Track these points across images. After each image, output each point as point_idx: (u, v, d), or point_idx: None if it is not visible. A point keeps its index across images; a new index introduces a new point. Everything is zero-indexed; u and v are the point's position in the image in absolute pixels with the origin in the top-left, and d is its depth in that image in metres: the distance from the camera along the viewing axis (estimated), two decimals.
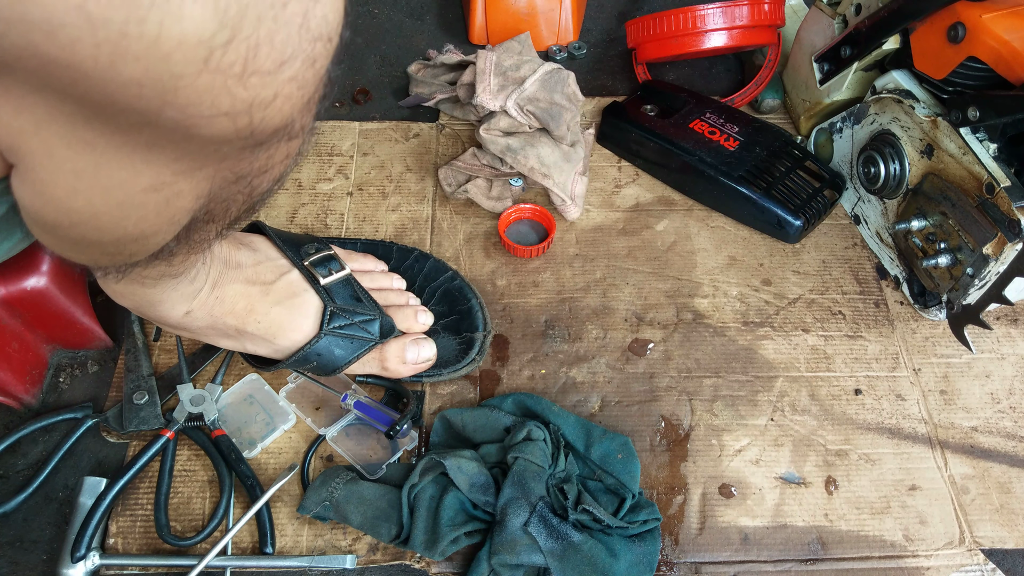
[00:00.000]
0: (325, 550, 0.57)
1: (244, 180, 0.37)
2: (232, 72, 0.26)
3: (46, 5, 0.22)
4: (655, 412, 0.64)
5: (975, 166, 0.59)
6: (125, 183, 0.32)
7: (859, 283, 0.73)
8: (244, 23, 0.25)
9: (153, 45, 0.24)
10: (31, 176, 0.32)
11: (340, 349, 0.58)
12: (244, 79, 0.26)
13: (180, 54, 0.24)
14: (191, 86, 0.25)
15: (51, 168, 0.31)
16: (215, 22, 0.24)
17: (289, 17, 0.26)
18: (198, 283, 0.53)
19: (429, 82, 0.85)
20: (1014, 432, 0.64)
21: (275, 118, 0.29)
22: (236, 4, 0.24)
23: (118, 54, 0.24)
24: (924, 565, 0.57)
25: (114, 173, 0.32)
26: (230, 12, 0.24)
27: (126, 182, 0.32)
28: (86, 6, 0.22)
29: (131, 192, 0.33)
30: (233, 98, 0.27)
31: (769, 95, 0.86)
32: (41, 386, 0.65)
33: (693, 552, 0.57)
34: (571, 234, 0.77)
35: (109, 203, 0.34)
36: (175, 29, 0.24)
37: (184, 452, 0.61)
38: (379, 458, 0.61)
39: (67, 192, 0.32)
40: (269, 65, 0.27)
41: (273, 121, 0.30)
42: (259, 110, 0.28)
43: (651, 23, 0.83)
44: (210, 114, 0.27)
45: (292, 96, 0.29)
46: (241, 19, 0.25)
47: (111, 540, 0.57)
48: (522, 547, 0.53)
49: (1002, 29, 0.56)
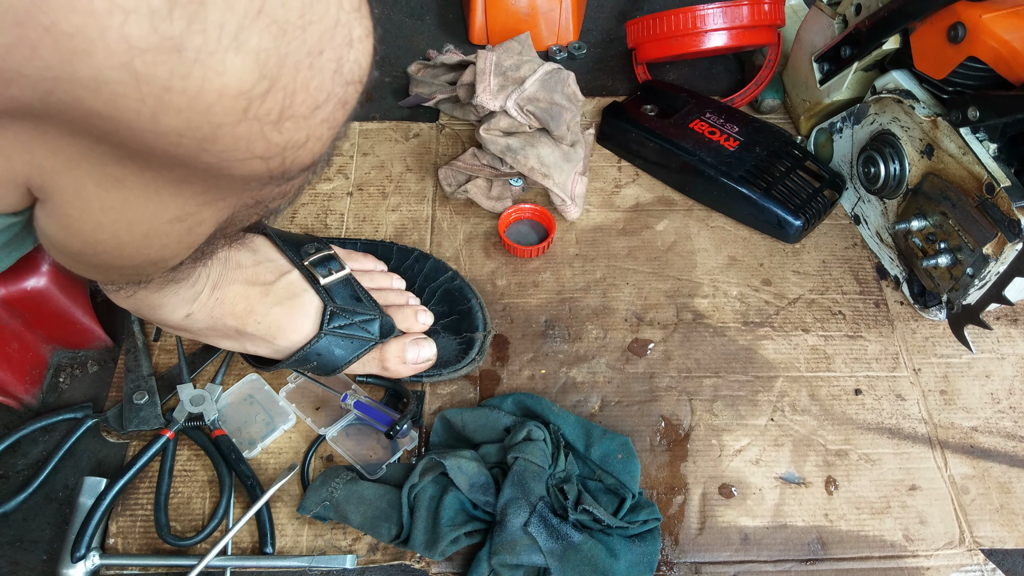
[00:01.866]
0: (325, 550, 0.57)
1: (263, 203, 0.38)
2: (269, 119, 0.26)
3: (95, 64, 0.22)
4: (655, 412, 0.64)
5: (975, 166, 0.59)
6: (151, 216, 0.33)
7: (859, 283, 0.73)
8: (283, 73, 0.25)
9: (195, 98, 0.24)
10: (58, 212, 0.32)
11: (340, 349, 0.58)
12: (280, 125, 0.27)
13: (221, 105, 0.25)
14: (229, 134, 0.26)
15: (79, 205, 0.31)
16: (256, 74, 0.24)
17: (324, 64, 0.26)
18: (199, 286, 0.53)
19: (429, 82, 0.85)
20: (1014, 432, 0.64)
21: (306, 158, 0.30)
22: (276, 55, 0.25)
23: (160, 107, 0.24)
24: (924, 565, 0.57)
25: (141, 207, 0.32)
26: (270, 63, 0.25)
27: (153, 215, 0.33)
28: (133, 63, 0.22)
29: (156, 224, 0.34)
30: (268, 142, 0.27)
31: (769, 95, 0.86)
32: (41, 386, 0.65)
33: (693, 552, 0.57)
34: (571, 234, 0.77)
35: (134, 234, 0.34)
36: (217, 82, 0.24)
37: (184, 452, 0.61)
38: (379, 458, 0.61)
39: (93, 226, 0.33)
40: (304, 110, 0.27)
41: (304, 160, 0.30)
42: (292, 151, 0.29)
43: (651, 23, 0.83)
44: (245, 157, 0.28)
45: (323, 136, 0.29)
46: (280, 69, 0.25)
47: (111, 540, 0.57)
48: (522, 547, 0.53)
49: (1002, 29, 0.56)
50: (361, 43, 0.28)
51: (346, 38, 0.27)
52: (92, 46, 0.22)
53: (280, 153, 0.28)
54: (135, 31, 0.22)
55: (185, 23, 0.22)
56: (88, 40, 0.21)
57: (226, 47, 0.23)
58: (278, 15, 0.24)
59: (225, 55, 0.23)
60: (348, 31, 0.27)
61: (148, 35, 0.22)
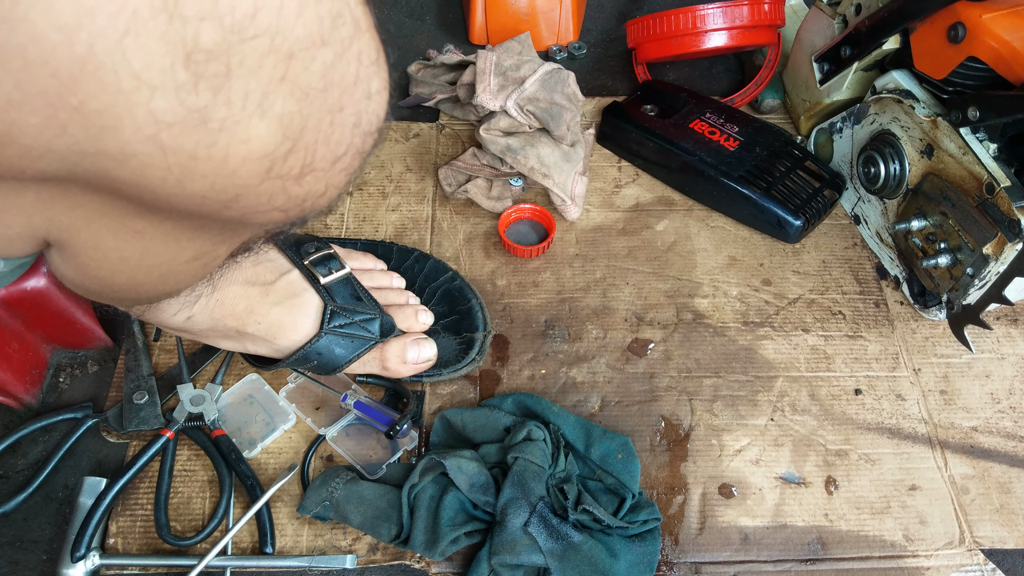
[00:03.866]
0: (325, 550, 0.57)
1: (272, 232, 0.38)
2: (291, 175, 0.27)
3: (122, 139, 0.22)
4: (655, 412, 0.64)
5: (975, 166, 0.59)
6: (169, 260, 0.33)
7: (859, 283, 0.73)
8: (305, 133, 0.26)
9: (221, 164, 0.24)
10: (75, 260, 0.32)
11: (340, 348, 0.58)
12: (301, 179, 0.27)
13: (245, 169, 0.25)
14: (253, 192, 0.26)
15: (97, 256, 0.32)
16: (279, 136, 0.25)
17: (344, 119, 0.27)
18: (200, 288, 0.53)
19: (429, 82, 0.85)
20: (1014, 432, 0.64)
21: (323, 204, 0.31)
22: (299, 117, 0.25)
23: (186, 174, 0.24)
24: (924, 565, 0.57)
25: (160, 254, 0.32)
26: (293, 126, 0.25)
27: (171, 259, 0.33)
28: (160, 136, 0.23)
29: (174, 266, 0.34)
30: (288, 196, 0.28)
31: (769, 95, 0.86)
32: (41, 386, 0.65)
33: (693, 552, 0.57)
34: (571, 234, 0.77)
35: (151, 276, 0.35)
36: (242, 149, 0.24)
37: (184, 452, 0.61)
38: (379, 458, 0.61)
39: (111, 273, 0.33)
40: (324, 164, 0.27)
41: (321, 206, 0.31)
42: (311, 200, 0.29)
43: (651, 23, 0.83)
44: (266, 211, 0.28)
45: (341, 184, 0.30)
46: (303, 130, 0.25)
47: (111, 540, 0.57)
48: (522, 547, 0.53)
49: (1002, 29, 0.56)
50: (379, 95, 0.28)
51: (365, 92, 0.27)
52: (120, 122, 0.22)
53: (300, 204, 0.29)
54: (162, 105, 0.22)
55: (211, 95, 0.22)
56: (116, 117, 0.22)
57: (251, 114, 0.24)
58: (301, 80, 0.24)
59: (250, 122, 0.24)
60: (367, 85, 0.27)
61: (175, 108, 0.22)
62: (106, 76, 0.21)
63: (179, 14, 0.20)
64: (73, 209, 0.28)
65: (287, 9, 0.22)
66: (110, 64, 0.20)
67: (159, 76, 0.21)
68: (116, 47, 0.20)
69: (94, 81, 0.21)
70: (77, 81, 0.20)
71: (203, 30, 0.21)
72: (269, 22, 0.22)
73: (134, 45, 0.20)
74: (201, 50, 0.21)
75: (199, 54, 0.21)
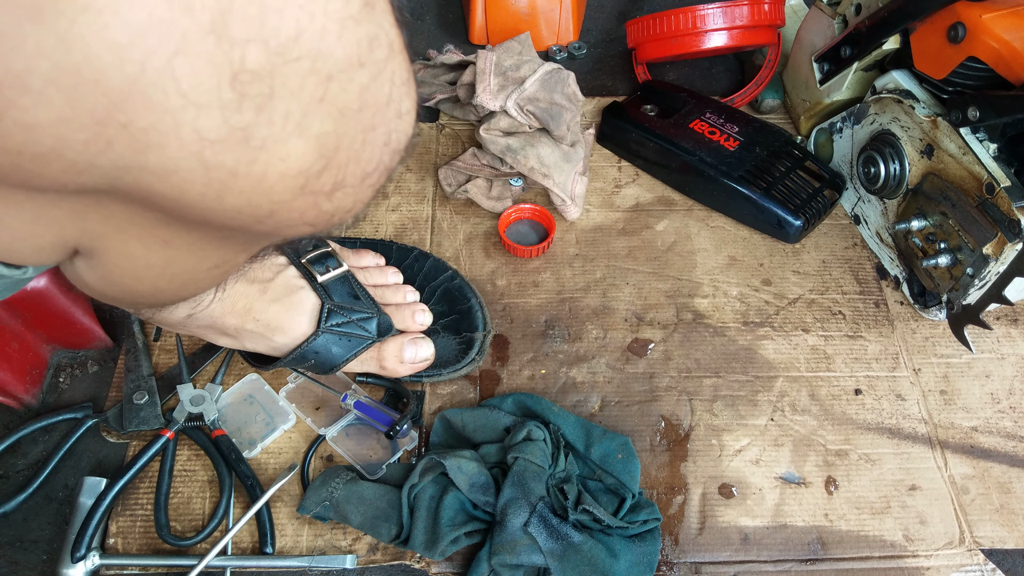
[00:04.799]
0: (325, 550, 0.57)
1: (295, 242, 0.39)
2: (323, 192, 0.27)
3: (166, 155, 0.23)
4: (655, 412, 0.64)
5: (975, 166, 0.59)
6: (192, 268, 0.34)
7: (859, 283, 0.73)
8: (339, 152, 0.26)
9: (259, 181, 0.25)
10: (100, 268, 0.33)
11: (337, 347, 0.58)
12: (332, 195, 0.28)
13: (282, 186, 0.26)
14: (286, 208, 0.27)
15: (123, 264, 0.32)
16: (315, 154, 0.25)
17: (376, 137, 0.27)
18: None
19: (429, 82, 0.85)
20: (1014, 432, 0.64)
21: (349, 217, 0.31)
22: (334, 136, 0.25)
23: (225, 190, 0.25)
24: (924, 565, 0.57)
25: (184, 262, 0.33)
26: (328, 144, 0.26)
27: (194, 267, 0.34)
28: (203, 153, 0.23)
29: (196, 273, 0.35)
30: (319, 211, 0.28)
31: (769, 95, 0.86)
32: (41, 386, 0.65)
33: (693, 552, 0.57)
34: (571, 234, 0.77)
35: (173, 284, 0.35)
36: (280, 166, 0.25)
37: (184, 452, 0.61)
38: (379, 458, 0.61)
39: (134, 280, 0.34)
40: (355, 181, 0.28)
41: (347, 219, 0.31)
42: (339, 215, 0.30)
43: (651, 23, 0.83)
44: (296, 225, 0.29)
45: (368, 199, 0.30)
46: (337, 149, 0.26)
47: (111, 540, 0.57)
48: (522, 547, 0.53)
49: (1002, 29, 0.56)
50: (409, 115, 0.29)
51: (396, 112, 0.28)
52: (165, 139, 0.22)
53: (329, 219, 0.30)
54: (206, 123, 0.22)
55: (254, 114, 0.23)
56: (161, 134, 0.22)
57: (290, 133, 0.24)
58: (339, 101, 0.25)
59: (288, 140, 0.24)
60: (399, 105, 0.28)
61: (219, 127, 0.23)
62: (155, 95, 0.21)
63: (227, 36, 0.21)
64: (105, 220, 0.29)
65: (328, 32, 0.23)
66: (159, 83, 0.21)
67: (206, 96, 0.22)
68: (166, 67, 0.21)
69: (143, 100, 0.21)
70: (127, 99, 0.21)
71: (249, 52, 0.22)
72: (311, 45, 0.23)
73: (183, 65, 0.21)
74: (247, 71, 0.22)
75: (245, 75, 0.22)
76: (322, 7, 0.23)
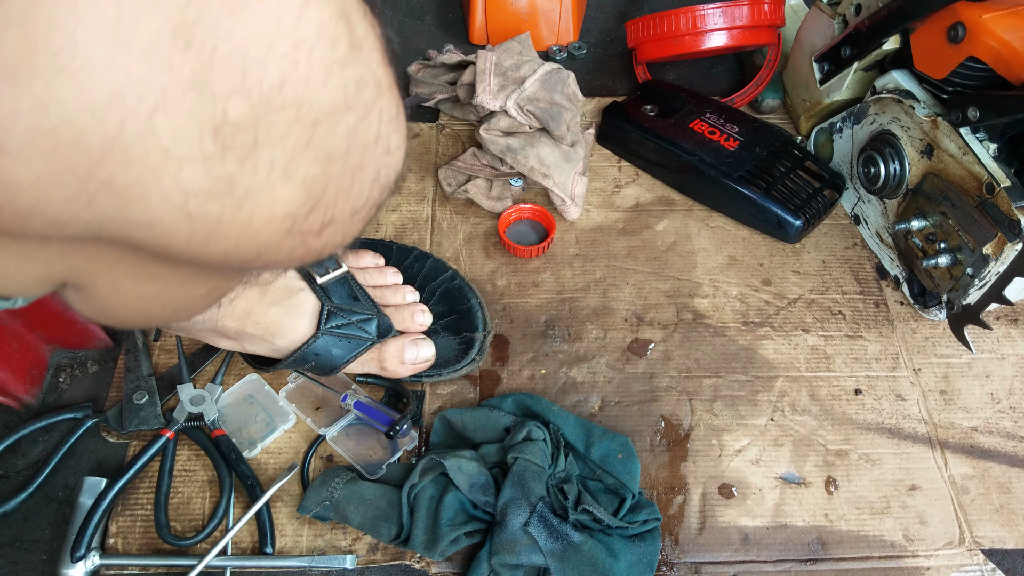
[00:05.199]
0: (325, 550, 0.57)
1: None
2: (312, 231, 0.27)
3: (150, 208, 0.23)
4: (655, 412, 0.64)
5: (975, 166, 0.59)
6: (184, 297, 0.34)
7: (859, 283, 0.73)
8: (327, 192, 0.26)
9: (245, 227, 0.25)
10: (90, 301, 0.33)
11: (338, 349, 0.58)
12: (321, 233, 0.28)
13: (268, 229, 0.25)
14: (274, 249, 0.27)
15: (113, 297, 0.32)
16: (302, 197, 0.25)
17: (364, 175, 0.27)
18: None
19: (429, 82, 0.85)
20: (1014, 432, 0.64)
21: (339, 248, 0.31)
22: (322, 178, 0.25)
23: (210, 237, 0.25)
24: (924, 565, 0.57)
25: (175, 293, 0.33)
26: (316, 187, 0.25)
27: (185, 296, 0.34)
28: (186, 204, 0.23)
29: (188, 301, 0.35)
30: (308, 248, 0.28)
31: (769, 95, 0.86)
32: (41, 386, 0.65)
33: (693, 552, 0.57)
34: (571, 234, 0.77)
35: (166, 311, 0.35)
36: (266, 211, 0.25)
37: (184, 452, 0.61)
38: (379, 458, 0.61)
39: (127, 311, 0.34)
40: (344, 217, 0.28)
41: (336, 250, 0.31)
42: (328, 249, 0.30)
43: (651, 23, 0.83)
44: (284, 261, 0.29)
45: (357, 232, 0.30)
46: (324, 190, 0.26)
47: (111, 540, 0.57)
48: (522, 547, 0.53)
49: (1002, 29, 0.56)
50: (398, 150, 0.29)
51: (385, 148, 0.28)
52: (147, 194, 0.22)
53: (318, 254, 0.30)
54: (189, 176, 0.22)
55: (237, 164, 0.23)
56: (143, 188, 0.22)
57: (276, 180, 0.24)
58: (325, 145, 0.24)
59: (274, 187, 0.24)
60: (387, 142, 0.28)
61: (202, 178, 0.22)
62: (135, 151, 0.21)
63: (208, 90, 0.21)
64: (93, 259, 0.29)
65: (313, 79, 0.23)
66: (140, 141, 0.21)
67: (187, 149, 0.21)
68: (146, 125, 0.20)
69: (123, 157, 0.21)
70: (107, 157, 0.21)
71: (232, 104, 0.21)
72: (296, 93, 0.22)
73: (163, 122, 0.21)
74: (229, 123, 0.22)
75: (227, 127, 0.22)
76: (306, 55, 0.22)
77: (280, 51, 0.22)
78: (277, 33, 0.22)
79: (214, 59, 0.21)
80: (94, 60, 0.19)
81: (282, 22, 0.22)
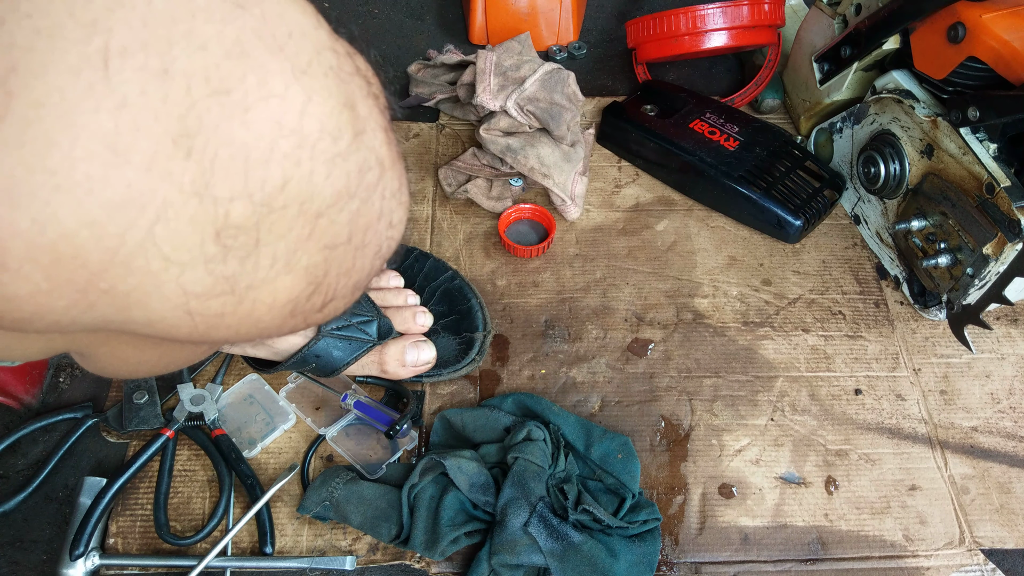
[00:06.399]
0: (325, 550, 0.57)
1: None
2: (313, 310, 0.27)
3: (151, 310, 0.23)
4: (655, 412, 0.64)
5: (975, 166, 0.59)
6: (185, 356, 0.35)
7: (859, 283, 0.73)
8: (328, 275, 0.26)
9: (247, 317, 0.25)
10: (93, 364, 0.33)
11: (338, 351, 0.58)
12: (323, 309, 0.28)
13: (270, 316, 0.25)
14: (276, 330, 0.27)
15: (115, 363, 0.32)
16: (304, 284, 0.25)
17: (366, 253, 0.27)
18: None
19: (429, 82, 0.85)
20: (1014, 432, 0.64)
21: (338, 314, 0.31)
22: (324, 264, 0.25)
23: (212, 329, 0.25)
24: (924, 565, 0.57)
25: (176, 354, 0.34)
26: (318, 272, 0.25)
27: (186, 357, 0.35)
28: (188, 304, 0.23)
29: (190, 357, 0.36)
30: (309, 323, 0.28)
31: (769, 95, 0.86)
32: (41, 386, 0.65)
33: (693, 552, 0.57)
34: (571, 234, 0.77)
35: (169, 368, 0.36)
36: (268, 301, 0.25)
37: (184, 452, 0.61)
38: (379, 458, 0.61)
39: (130, 371, 0.34)
40: (345, 292, 0.28)
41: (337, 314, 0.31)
42: (328, 317, 0.30)
43: (651, 23, 0.83)
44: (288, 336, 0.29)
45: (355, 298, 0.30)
46: (326, 274, 0.26)
47: (111, 540, 0.57)
48: (522, 547, 0.53)
49: (1002, 29, 0.56)
50: (401, 224, 0.29)
51: (388, 223, 0.27)
52: (148, 298, 0.22)
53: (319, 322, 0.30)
54: (190, 279, 0.22)
55: (239, 264, 0.23)
56: (144, 294, 0.22)
57: (277, 273, 0.24)
58: (328, 234, 0.24)
59: (276, 280, 0.24)
60: (390, 217, 0.27)
61: (203, 279, 0.22)
62: (136, 262, 0.21)
63: (210, 195, 0.21)
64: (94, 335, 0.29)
65: (316, 175, 0.22)
66: (140, 251, 0.21)
67: (188, 254, 0.21)
68: (147, 236, 0.20)
69: (124, 267, 0.21)
70: (107, 269, 0.21)
71: (234, 208, 0.21)
72: (299, 190, 0.22)
73: (164, 231, 0.20)
74: (231, 226, 0.21)
75: (229, 229, 0.21)
76: (309, 152, 0.22)
77: (282, 151, 0.21)
78: (279, 135, 0.21)
79: (215, 165, 0.20)
80: (92, 176, 0.19)
81: (284, 123, 0.21)
